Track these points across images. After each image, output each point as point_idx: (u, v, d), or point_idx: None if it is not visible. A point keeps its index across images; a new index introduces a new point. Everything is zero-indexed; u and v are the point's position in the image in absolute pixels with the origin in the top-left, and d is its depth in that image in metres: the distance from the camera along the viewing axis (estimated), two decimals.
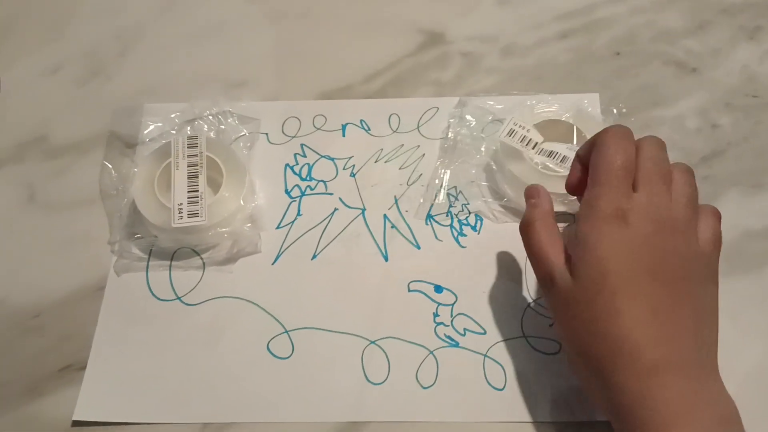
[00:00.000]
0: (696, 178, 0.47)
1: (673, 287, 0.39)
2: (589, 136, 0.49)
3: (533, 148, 0.52)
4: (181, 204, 0.50)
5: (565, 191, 0.46)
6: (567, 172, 0.47)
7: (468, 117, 0.57)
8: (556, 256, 0.42)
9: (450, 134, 0.57)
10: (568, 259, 0.41)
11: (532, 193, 0.46)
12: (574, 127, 0.53)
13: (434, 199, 0.54)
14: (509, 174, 0.52)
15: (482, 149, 0.55)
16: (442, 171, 0.55)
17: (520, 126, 0.52)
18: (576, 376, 0.43)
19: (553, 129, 0.53)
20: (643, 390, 0.36)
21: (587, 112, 0.54)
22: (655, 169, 0.41)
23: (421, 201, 0.54)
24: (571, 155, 0.50)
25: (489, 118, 0.56)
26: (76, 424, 0.46)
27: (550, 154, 0.52)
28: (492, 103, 0.57)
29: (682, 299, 0.39)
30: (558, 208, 0.49)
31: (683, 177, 0.42)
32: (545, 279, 0.42)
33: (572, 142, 0.52)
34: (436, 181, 0.55)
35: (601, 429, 0.44)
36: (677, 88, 0.59)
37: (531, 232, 0.44)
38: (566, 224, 0.51)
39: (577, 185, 0.45)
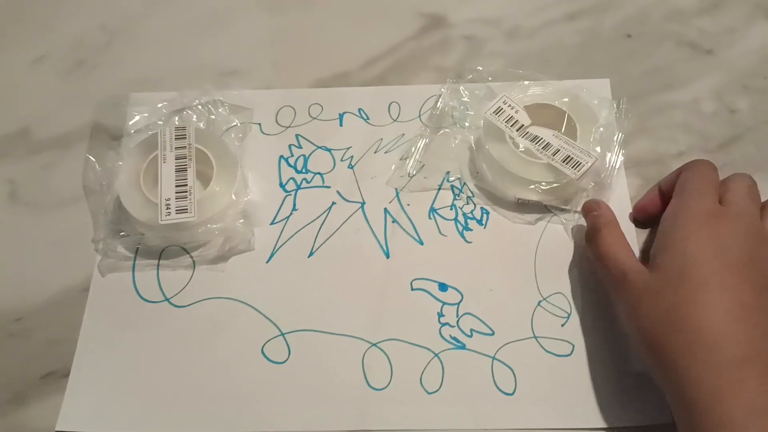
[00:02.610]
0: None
1: (760, 292, 0.38)
2: (581, 126, 0.50)
3: (518, 130, 0.49)
4: (168, 199, 0.47)
5: (539, 179, 0.48)
6: (548, 160, 0.48)
7: (461, 89, 0.54)
8: (627, 256, 0.42)
9: (439, 103, 0.54)
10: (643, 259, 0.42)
11: (592, 206, 0.47)
12: (566, 114, 0.50)
13: (408, 167, 0.52)
14: (488, 154, 0.50)
15: (466, 124, 0.53)
16: (421, 139, 0.53)
17: (509, 105, 0.50)
18: (649, 372, 0.41)
19: (544, 113, 0.51)
20: (721, 385, 0.35)
21: (583, 99, 0.51)
22: (745, 190, 0.43)
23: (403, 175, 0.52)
24: (556, 143, 0.48)
25: (482, 93, 0.54)
26: None
27: (534, 138, 0.49)
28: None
29: None
30: (530, 196, 0.49)
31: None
32: (617, 277, 0.42)
33: (560, 130, 0.50)
34: (412, 148, 0.53)
35: None
36: (691, 71, 0.56)
37: (599, 237, 0.44)
38: None
39: (648, 208, 0.48)
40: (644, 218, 0.48)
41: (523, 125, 0.49)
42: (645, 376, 0.43)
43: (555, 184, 0.48)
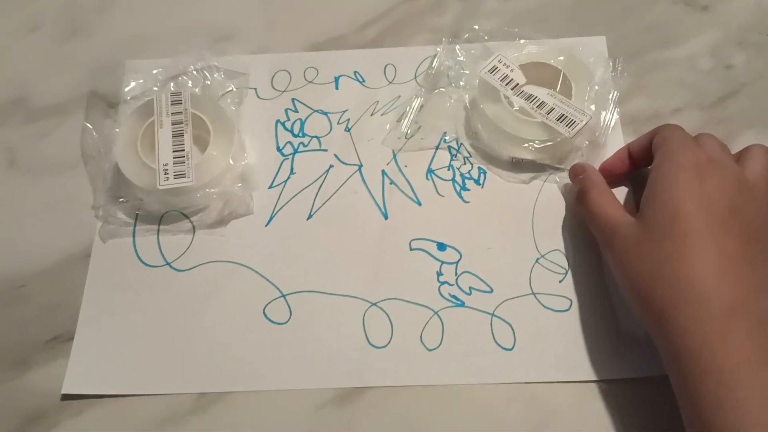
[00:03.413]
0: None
1: (746, 243, 0.38)
2: (576, 84, 0.50)
3: (513, 89, 0.49)
4: (166, 164, 0.47)
5: (533, 138, 0.48)
6: (542, 119, 0.48)
7: (457, 48, 0.54)
8: (617, 211, 0.43)
9: (435, 63, 0.54)
10: (631, 214, 0.42)
11: (577, 170, 0.47)
12: (561, 73, 0.50)
13: (403, 127, 0.52)
14: (482, 113, 0.50)
15: (462, 83, 0.53)
16: (416, 99, 0.53)
17: (504, 64, 0.50)
18: (640, 323, 0.42)
19: (539, 72, 0.51)
20: (710, 336, 0.35)
21: (579, 58, 0.51)
22: (720, 147, 0.43)
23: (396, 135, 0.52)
24: (551, 102, 0.48)
25: (478, 52, 0.54)
26: (66, 397, 0.44)
27: (529, 97, 0.49)
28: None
29: (755, 257, 0.38)
30: (524, 155, 0.49)
31: (757, 152, 0.43)
32: (607, 233, 0.43)
33: (556, 89, 0.50)
34: (407, 108, 0.53)
35: (615, 387, 0.43)
36: (687, 28, 0.56)
37: (587, 197, 0.45)
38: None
39: (615, 168, 0.48)
40: (610, 178, 0.47)
41: (518, 84, 0.49)
42: (639, 330, 0.44)
43: (549, 143, 0.48)
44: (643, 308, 0.39)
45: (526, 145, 0.48)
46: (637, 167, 0.47)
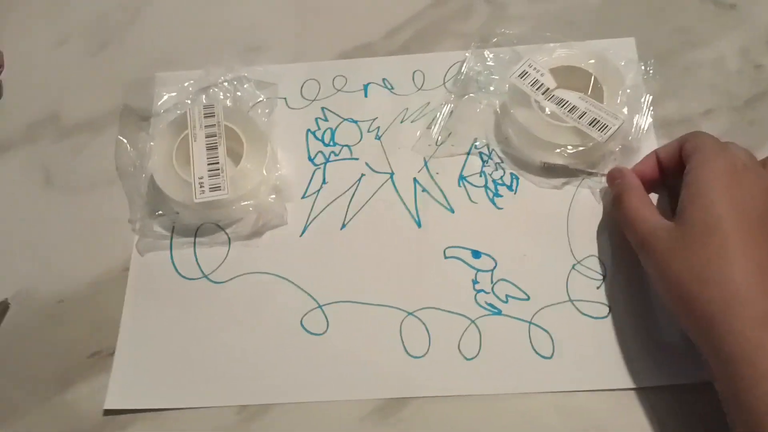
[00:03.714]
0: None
1: None
2: (607, 88, 0.50)
3: (543, 94, 0.49)
4: (201, 178, 0.48)
5: (565, 142, 0.48)
6: (574, 123, 0.48)
7: (486, 53, 0.54)
8: (652, 215, 0.43)
9: (464, 68, 0.54)
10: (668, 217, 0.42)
11: (615, 174, 0.47)
12: (592, 77, 0.50)
13: (434, 134, 0.52)
14: (514, 119, 0.50)
15: (492, 88, 0.53)
16: (446, 105, 0.53)
17: (534, 69, 0.50)
18: (683, 329, 0.41)
19: (570, 76, 0.51)
20: (762, 337, 0.35)
21: (610, 61, 0.51)
22: (749, 155, 0.42)
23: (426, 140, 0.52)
24: (582, 106, 0.48)
25: (507, 56, 0.53)
26: (109, 412, 0.45)
27: (560, 102, 0.49)
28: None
29: None
30: (556, 160, 0.49)
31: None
32: (644, 237, 0.42)
33: (587, 92, 0.50)
34: (437, 115, 0.53)
35: (657, 395, 0.43)
36: (716, 28, 0.55)
37: (622, 201, 0.45)
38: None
39: (645, 173, 0.46)
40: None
41: (548, 89, 0.49)
42: (680, 336, 0.44)
43: (581, 148, 0.48)
44: (687, 312, 0.39)
45: (558, 150, 0.48)
46: (665, 175, 0.46)
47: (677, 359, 0.43)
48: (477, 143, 0.52)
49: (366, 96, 0.55)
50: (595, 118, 0.48)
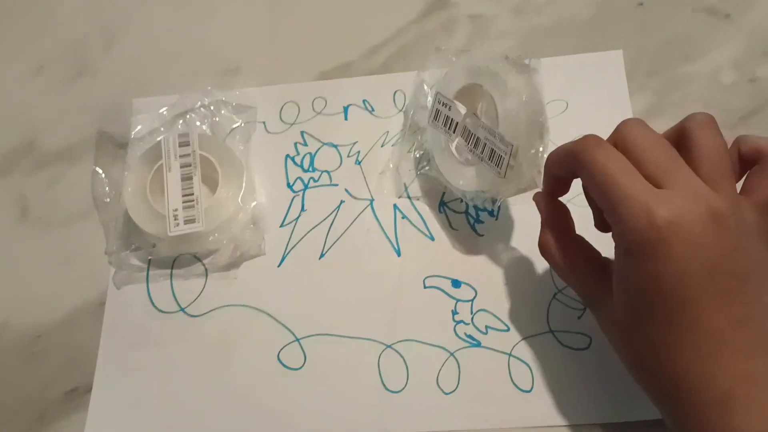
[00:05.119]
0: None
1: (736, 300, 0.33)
2: (499, 101, 0.42)
3: (455, 131, 0.45)
4: (176, 210, 0.47)
5: (478, 187, 0.44)
6: (481, 162, 0.43)
7: (425, 88, 0.50)
8: (585, 265, 0.39)
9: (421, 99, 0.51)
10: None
11: (538, 207, 0.41)
12: (483, 88, 0.44)
13: (413, 158, 0.50)
14: (436, 167, 0.47)
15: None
16: (427, 127, 0.49)
17: (443, 104, 0.46)
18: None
19: (474, 96, 0.45)
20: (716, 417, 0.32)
21: (503, 66, 0.43)
22: (653, 145, 0.34)
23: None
24: (482, 135, 0.43)
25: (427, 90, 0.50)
26: None
27: (468, 136, 0.44)
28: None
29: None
30: (491, 201, 0.45)
31: (703, 132, 0.35)
32: (585, 300, 0.40)
33: (480, 108, 0.45)
34: (418, 138, 0.50)
35: (640, 429, 0.42)
36: (709, 39, 0.53)
37: (547, 257, 0.40)
38: None
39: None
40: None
41: (457, 123, 0.45)
42: None
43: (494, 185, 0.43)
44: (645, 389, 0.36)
45: (484, 192, 0.44)
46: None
47: None
48: None
49: (346, 119, 0.53)
50: (492, 150, 0.42)
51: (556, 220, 0.40)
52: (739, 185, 0.36)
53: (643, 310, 0.33)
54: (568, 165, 0.36)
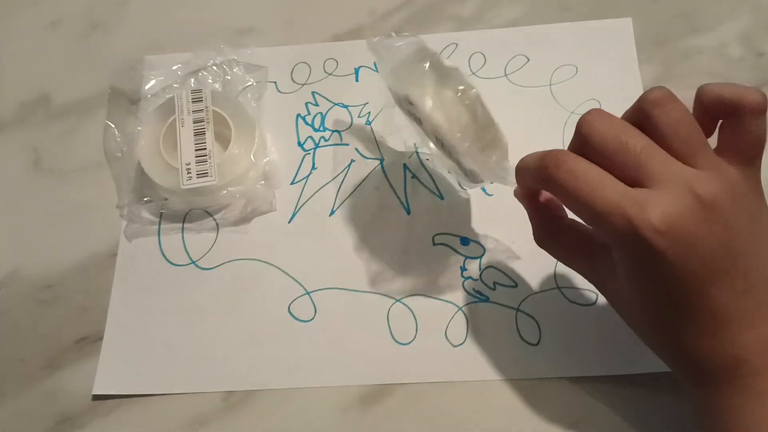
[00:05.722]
0: None
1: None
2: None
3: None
4: (189, 164, 0.48)
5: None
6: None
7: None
8: (591, 260, 0.38)
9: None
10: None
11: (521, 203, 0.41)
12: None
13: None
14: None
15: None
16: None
17: (403, 104, 0.44)
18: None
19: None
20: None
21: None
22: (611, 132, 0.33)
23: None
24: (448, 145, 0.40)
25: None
26: (97, 397, 0.45)
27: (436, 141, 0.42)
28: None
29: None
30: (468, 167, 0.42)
31: (663, 110, 0.33)
32: (592, 283, 0.38)
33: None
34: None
35: (641, 382, 0.42)
36: (717, 12, 0.54)
37: (544, 248, 0.40)
38: None
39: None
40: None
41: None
42: None
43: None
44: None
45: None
46: None
47: None
48: None
49: (357, 80, 0.54)
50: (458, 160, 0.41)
51: (543, 212, 0.40)
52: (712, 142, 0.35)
53: (646, 299, 0.34)
54: (538, 183, 0.34)
